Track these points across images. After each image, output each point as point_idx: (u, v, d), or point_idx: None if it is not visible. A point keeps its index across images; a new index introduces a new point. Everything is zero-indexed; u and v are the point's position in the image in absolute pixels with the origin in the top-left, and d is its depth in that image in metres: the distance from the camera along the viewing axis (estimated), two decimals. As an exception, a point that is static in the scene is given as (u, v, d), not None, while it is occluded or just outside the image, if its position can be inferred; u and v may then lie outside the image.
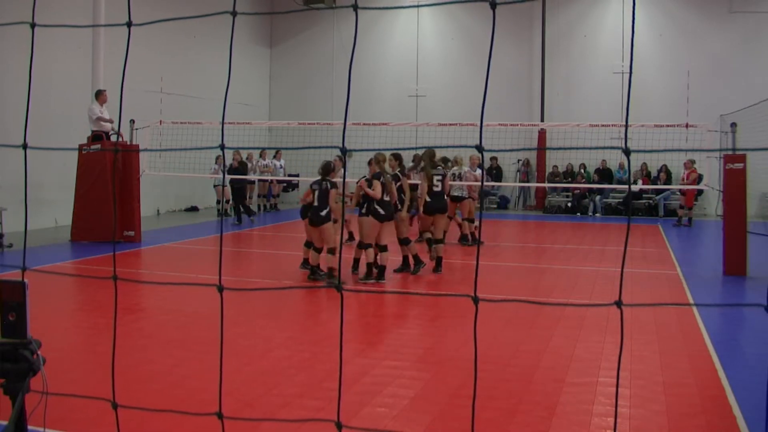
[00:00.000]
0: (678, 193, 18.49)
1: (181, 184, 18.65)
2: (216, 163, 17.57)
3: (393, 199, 9.34)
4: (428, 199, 10.05)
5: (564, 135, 19.65)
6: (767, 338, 6.65)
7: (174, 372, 5.51)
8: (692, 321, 7.15)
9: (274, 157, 20.27)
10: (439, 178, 10.16)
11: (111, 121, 13.17)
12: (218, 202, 18.90)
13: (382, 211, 9.07)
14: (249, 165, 18.16)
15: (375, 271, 9.17)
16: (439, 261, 10.01)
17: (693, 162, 17.93)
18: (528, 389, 5.14)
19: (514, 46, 21.36)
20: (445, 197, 10.25)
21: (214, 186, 18.28)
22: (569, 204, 20.70)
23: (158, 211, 18.63)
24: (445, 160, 10.88)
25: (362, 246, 9.29)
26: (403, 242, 9.74)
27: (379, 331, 6.78)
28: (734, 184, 10.14)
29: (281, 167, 20.40)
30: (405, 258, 9.89)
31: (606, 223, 18.09)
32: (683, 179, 17.47)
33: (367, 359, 5.80)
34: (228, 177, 16.63)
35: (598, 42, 21.07)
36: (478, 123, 1.99)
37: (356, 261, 9.60)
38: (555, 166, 20.86)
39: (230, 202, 17.65)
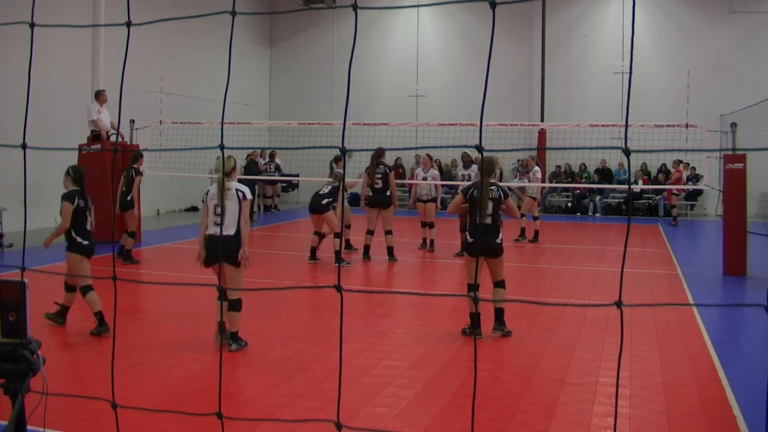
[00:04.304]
0: (675, 193, 18.58)
1: (181, 184, 18.63)
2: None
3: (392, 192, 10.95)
4: (370, 194, 11.03)
5: (564, 135, 19.64)
6: (767, 338, 6.66)
7: (174, 372, 5.51)
8: (692, 321, 7.15)
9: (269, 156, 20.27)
10: (380, 176, 10.88)
11: (113, 125, 13.14)
12: None
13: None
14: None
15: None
16: (390, 250, 11.00)
17: (680, 162, 18.22)
18: (528, 389, 5.13)
19: (514, 46, 21.35)
20: (387, 193, 10.93)
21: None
22: (569, 204, 20.70)
23: (158, 211, 18.64)
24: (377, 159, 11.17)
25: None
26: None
27: (379, 331, 6.78)
28: (734, 184, 10.14)
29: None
30: None
31: (606, 223, 18.09)
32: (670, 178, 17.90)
33: (367, 359, 5.80)
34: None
35: (598, 42, 21.06)
36: (478, 123, 1.99)
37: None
38: (558, 166, 20.86)
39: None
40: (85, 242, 6.64)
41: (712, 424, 4.49)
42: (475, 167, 12.16)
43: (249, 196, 6.07)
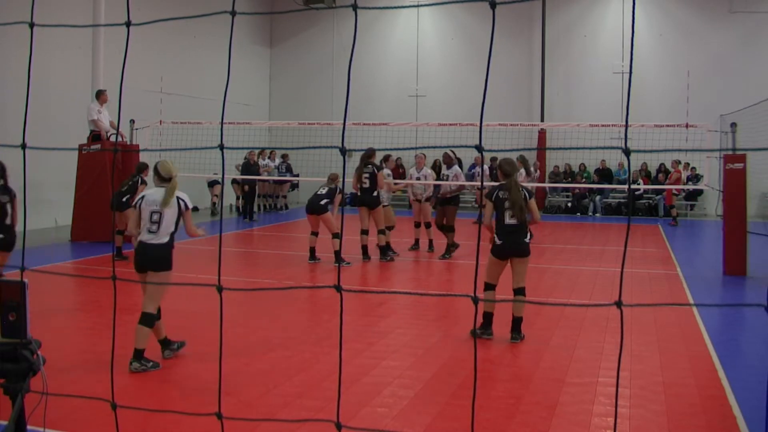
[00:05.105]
0: (674, 193, 18.60)
1: (181, 184, 18.58)
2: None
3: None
4: (358, 194, 11.09)
5: (564, 135, 19.65)
6: (767, 338, 6.65)
7: (173, 372, 5.51)
8: (692, 321, 7.15)
9: (268, 157, 20.28)
10: (367, 176, 10.86)
11: (112, 125, 13.13)
12: (238, 198, 19.17)
13: None
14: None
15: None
16: (383, 249, 11.06)
17: (679, 162, 18.28)
18: (528, 389, 5.13)
19: (514, 46, 21.35)
20: (375, 193, 10.95)
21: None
22: (569, 204, 20.70)
23: (158, 211, 18.64)
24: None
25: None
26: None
27: (379, 331, 6.78)
28: (734, 184, 10.14)
29: (276, 167, 20.48)
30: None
31: (606, 223, 18.10)
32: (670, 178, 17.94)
33: (367, 359, 5.80)
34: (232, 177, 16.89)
35: (598, 42, 21.07)
36: (478, 123, 1.99)
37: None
38: (556, 166, 20.88)
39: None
40: (1, 236, 6.61)
41: (712, 424, 4.49)
42: (456, 168, 12.05)
43: (190, 205, 5.76)
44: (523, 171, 13.95)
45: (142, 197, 5.72)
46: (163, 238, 5.60)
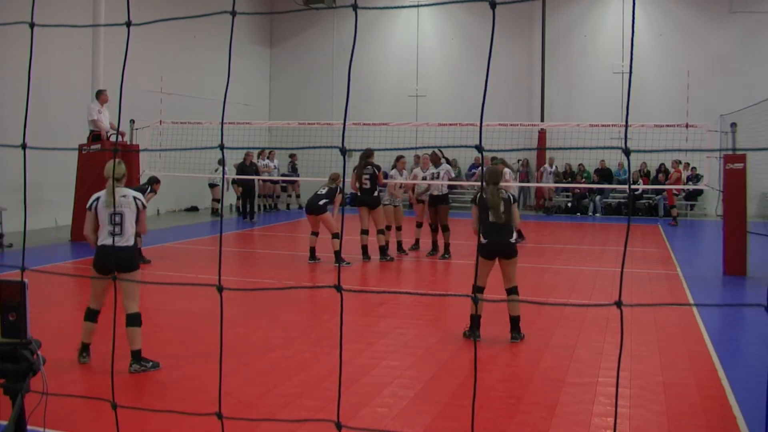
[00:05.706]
0: (675, 193, 18.60)
1: (181, 184, 18.65)
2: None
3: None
4: (358, 194, 11.12)
5: (564, 135, 19.65)
6: (767, 338, 6.66)
7: (173, 372, 5.51)
8: (692, 321, 7.15)
9: (267, 157, 20.27)
10: (368, 176, 10.94)
11: (112, 126, 13.13)
12: (238, 198, 19.15)
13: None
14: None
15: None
16: (383, 249, 11.05)
17: (679, 162, 18.31)
18: (528, 389, 5.14)
19: (514, 46, 21.35)
20: (375, 193, 11.04)
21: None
22: (569, 204, 20.70)
23: (158, 211, 18.63)
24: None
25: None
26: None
27: (379, 331, 6.78)
28: (734, 184, 10.14)
29: (276, 167, 20.50)
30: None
31: (606, 223, 18.10)
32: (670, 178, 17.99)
33: (367, 359, 5.80)
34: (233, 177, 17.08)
35: (598, 42, 21.06)
36: (478, 123, 1.99)
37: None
38: (555, 167, 20.86)
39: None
40: None
41: (712, 424, 4.50)
42: (446, 166, 11.94)
43: (147, 204, 5.80)
44: (506, 171, 13.75)
45: (97, 199, 5.63)
46: (129, 240, 5.59)
